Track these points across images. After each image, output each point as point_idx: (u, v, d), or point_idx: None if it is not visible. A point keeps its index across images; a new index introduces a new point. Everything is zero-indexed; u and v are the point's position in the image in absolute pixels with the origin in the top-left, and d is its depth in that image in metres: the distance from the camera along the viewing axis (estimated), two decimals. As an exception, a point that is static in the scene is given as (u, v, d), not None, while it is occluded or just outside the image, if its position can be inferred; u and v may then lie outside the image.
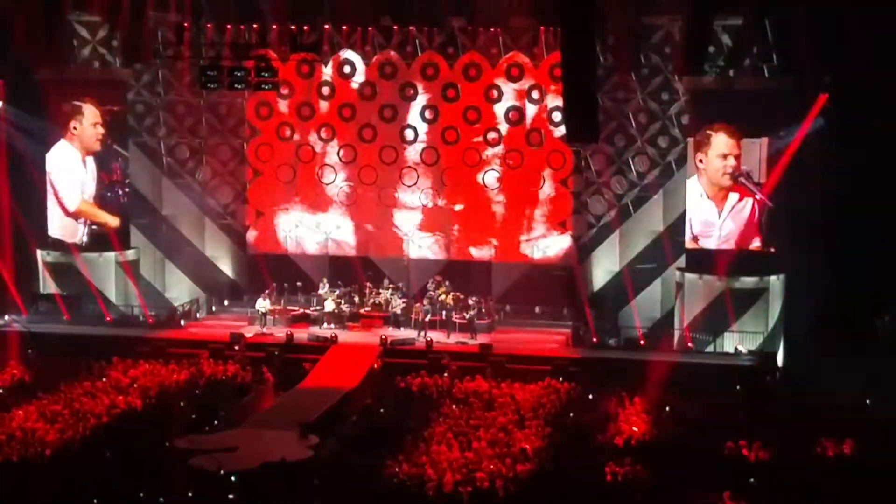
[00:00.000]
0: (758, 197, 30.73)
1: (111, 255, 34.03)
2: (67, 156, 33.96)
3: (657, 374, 27.37)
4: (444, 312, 31.63)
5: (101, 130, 33.79)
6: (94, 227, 34.21)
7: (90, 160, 34.00)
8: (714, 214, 31.27)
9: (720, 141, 30.84)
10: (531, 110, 34.40)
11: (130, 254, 34.56)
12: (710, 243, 31.43)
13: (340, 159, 35.51)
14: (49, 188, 34.10)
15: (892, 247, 29.18)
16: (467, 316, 31.47)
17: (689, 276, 31.60)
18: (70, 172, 34.01)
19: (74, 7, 32.02)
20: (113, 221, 34.36)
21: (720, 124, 30.79)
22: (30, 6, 30.42)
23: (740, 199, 31.04)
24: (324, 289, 33.35)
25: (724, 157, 30.83)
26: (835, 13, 27.36)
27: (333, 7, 31.40)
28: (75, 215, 34.20)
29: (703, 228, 31.46)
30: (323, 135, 35.51)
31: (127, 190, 34.52)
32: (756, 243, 31.10)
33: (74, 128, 33.69)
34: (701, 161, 31.17)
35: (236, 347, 29.81)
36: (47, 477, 19.60)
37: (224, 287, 36.32)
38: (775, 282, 30.96)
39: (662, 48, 32.46)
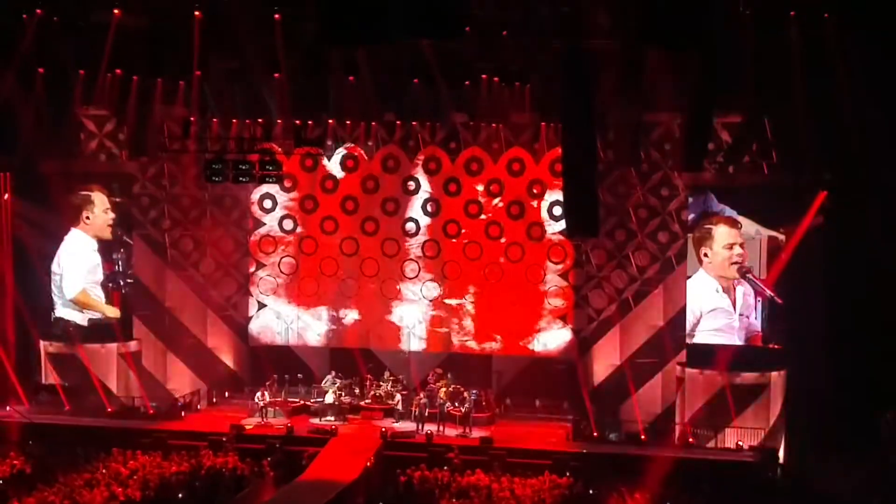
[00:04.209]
0: (767, 293, 30.82)
1: (113, 346, 33.96)
2: (80, 244, 34.17)
3: (658, 470, 27.29)
4: (440, 406, 31.58)
5: (111, 215, 34.10)
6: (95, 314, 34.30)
7: (100, 247, 34.30)
8: (731, 307, 31.33)
9: (723, 232, 31.08)
10: (532, 205, 34.72)
11: (132, 345, 34.49)
12: (733, 339, 31.26)
13: (342, 252, 35.74)
14: (54, 276, 34.20)
15: (894, 343, 29.17)
16: (463, 409, 31.42)
17: (689, 370, 31.52)
18: (78, 261, 34.14)
19: (82, 101, 32.34)
20: (111, 313, 34.44)
21: (719, 217, 31.09)
22: (38, 99, 30.76)
23: (747, 294, 31.15)
24: (328, 382, 33.34)
25: (731, 246, 31.01)
26: (834, 112, 27.66)
27: (338, 103, 31.71)
28: (73, 304, 34.25)
29: (725, 324, 31.26)
30: (325, 227, 35.80)
31: (130, 281, 34.65)
32: (771, 338, 31.09)
33: (87, 217, 34.00)
34: (706, 255, 31.35)
35: (224, 440, 29.74)
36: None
37: (225, 378, 36.27)
38: (776, 377, 30.90)
39: (662, 144, 32.87)
